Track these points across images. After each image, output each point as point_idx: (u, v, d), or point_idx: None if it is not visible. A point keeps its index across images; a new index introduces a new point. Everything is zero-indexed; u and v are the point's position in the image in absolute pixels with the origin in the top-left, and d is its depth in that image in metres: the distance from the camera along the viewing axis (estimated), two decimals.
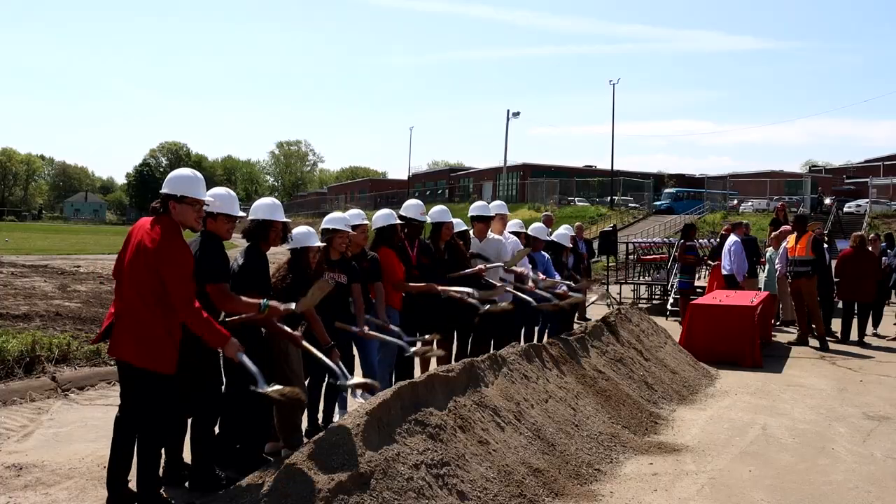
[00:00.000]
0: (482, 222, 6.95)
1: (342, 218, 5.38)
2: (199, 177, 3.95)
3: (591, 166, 63.53)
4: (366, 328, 5.23)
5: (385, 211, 5.99)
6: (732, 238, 11.35)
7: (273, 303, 4.16)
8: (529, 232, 7.86)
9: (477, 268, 6.34)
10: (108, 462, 3.87)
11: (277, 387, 4.00)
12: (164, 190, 3.85)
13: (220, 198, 4.19)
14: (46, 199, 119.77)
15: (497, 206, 7.46)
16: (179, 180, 3.88)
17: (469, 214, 7.07)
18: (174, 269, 3.67)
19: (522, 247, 7.28)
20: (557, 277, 7.60)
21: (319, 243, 4.94)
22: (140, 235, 3.81)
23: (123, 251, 3.92)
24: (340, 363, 4.64)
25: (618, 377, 6.35)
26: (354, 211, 5.73)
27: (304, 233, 4.88)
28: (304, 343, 4.45)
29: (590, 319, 7.84)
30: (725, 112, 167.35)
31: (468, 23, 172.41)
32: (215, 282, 4.06)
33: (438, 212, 6.41)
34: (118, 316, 3.79)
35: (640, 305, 10.59)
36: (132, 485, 3.90)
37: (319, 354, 4.47)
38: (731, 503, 4.35)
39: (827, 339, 10.43)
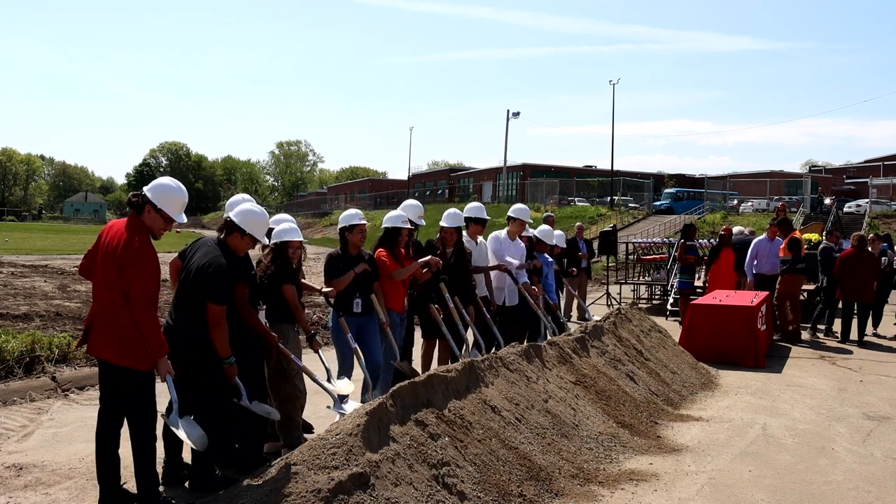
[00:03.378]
0: (478, 224, 7.02)
1: (355, 214, 5.65)
2: (185, 197, 3.97)
3: (590, 166, 63.51)
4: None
5: (396, 213, 6.08)
6: (765, 239, 11.24)
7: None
8: (536, 233, 7.94)
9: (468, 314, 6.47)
10: (96, 459, 3.87)
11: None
12: (148, 193, 3.85)
13: (259, 224, 4.32)
14: (46, 199, 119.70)
15: (520, 211, 7.57)
16: (167, 194, 3.88)
17: (465, 215, 7.09)
18: (139, 268, 3.70)
19: (524, 251, 7.44)
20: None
21: (300, 238, 5.02)
22: (111, 237, 3.84)
23: (94, 251, 3.95)
24: (329, 385, 4.86)
25: (618, 377, 6.35)
26: (352, 211, 5.74)
27: (286, 229, 4.96)
28: (300, 364, 4.61)
29: (590, 319, 7.84)
30: (725, 112, 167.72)
31: (468, 23, 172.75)
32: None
33: (449, 215, 6.58)
34: (95, 316, 3.83)
35: (640, 305, 10.56)
36: (130, 485, 3.90)
37: (314, 377, 4.68)
38: (731, 503, 4.35)
39: (813, 338, 10.63)
